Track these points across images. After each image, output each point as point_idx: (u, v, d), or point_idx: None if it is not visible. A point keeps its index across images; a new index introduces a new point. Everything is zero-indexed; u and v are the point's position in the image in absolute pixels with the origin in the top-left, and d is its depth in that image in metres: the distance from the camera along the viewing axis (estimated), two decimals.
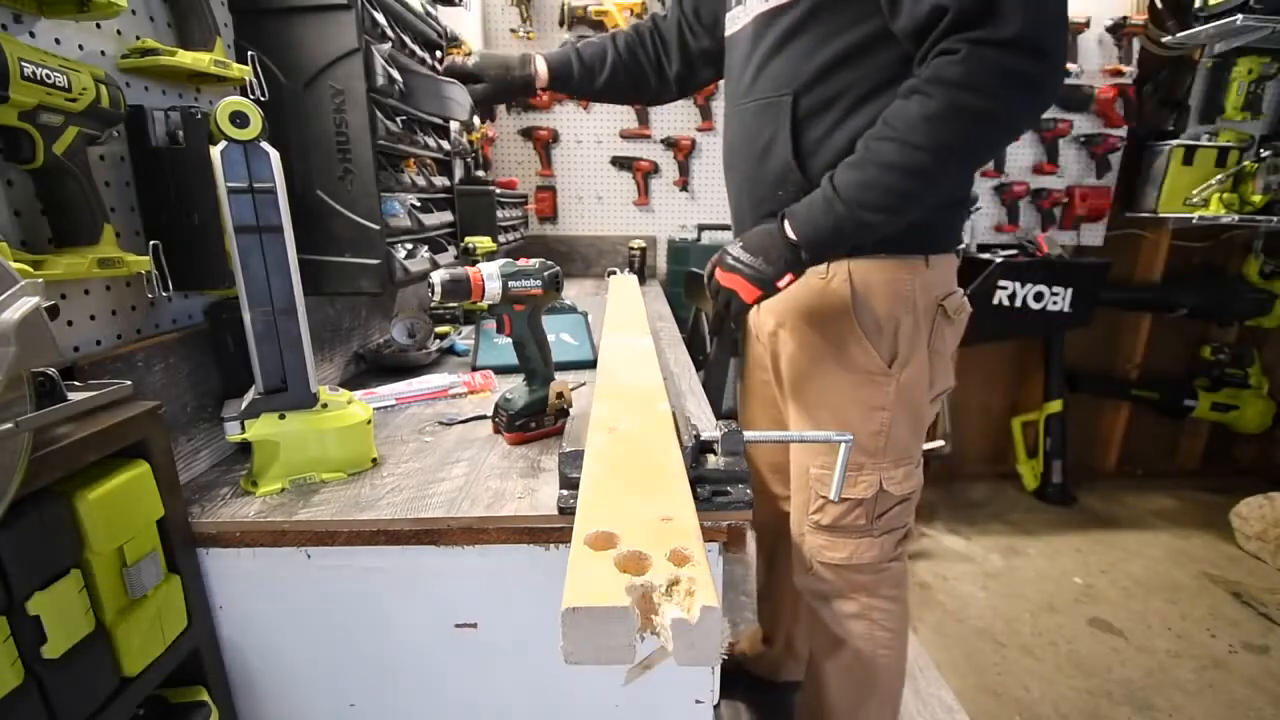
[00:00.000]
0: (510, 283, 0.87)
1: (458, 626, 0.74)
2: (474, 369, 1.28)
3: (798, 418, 1.03)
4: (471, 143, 1.97)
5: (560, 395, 0.94)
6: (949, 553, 2.43)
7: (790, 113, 0.88)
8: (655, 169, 2.62)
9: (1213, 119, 2.58)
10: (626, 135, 2.58)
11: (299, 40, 0.93)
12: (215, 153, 0.68)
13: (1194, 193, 2.54)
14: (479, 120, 2.21)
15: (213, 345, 0.84)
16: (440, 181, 1.37)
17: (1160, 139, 2.61)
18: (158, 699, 0.67)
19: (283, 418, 0.76)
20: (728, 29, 1.03)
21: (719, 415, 1.14)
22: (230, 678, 0.76)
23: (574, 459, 0.68)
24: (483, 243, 1.59)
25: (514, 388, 0.94)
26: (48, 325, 0.47)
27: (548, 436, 0.93)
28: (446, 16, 1.48)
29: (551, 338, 0.98)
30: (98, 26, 0.71)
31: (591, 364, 1.29)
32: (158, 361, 0.76)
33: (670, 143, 2.57)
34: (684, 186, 2.65)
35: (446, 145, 1.39)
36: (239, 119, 0.67)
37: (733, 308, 0.87)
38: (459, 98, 1.09)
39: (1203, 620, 2.03)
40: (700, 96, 2.52)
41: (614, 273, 2.27)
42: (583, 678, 0.76)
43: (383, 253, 1.02)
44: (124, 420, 0.59)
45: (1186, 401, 2.88)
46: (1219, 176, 2.51)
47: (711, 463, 0.72)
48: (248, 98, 0.80)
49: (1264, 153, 2.47)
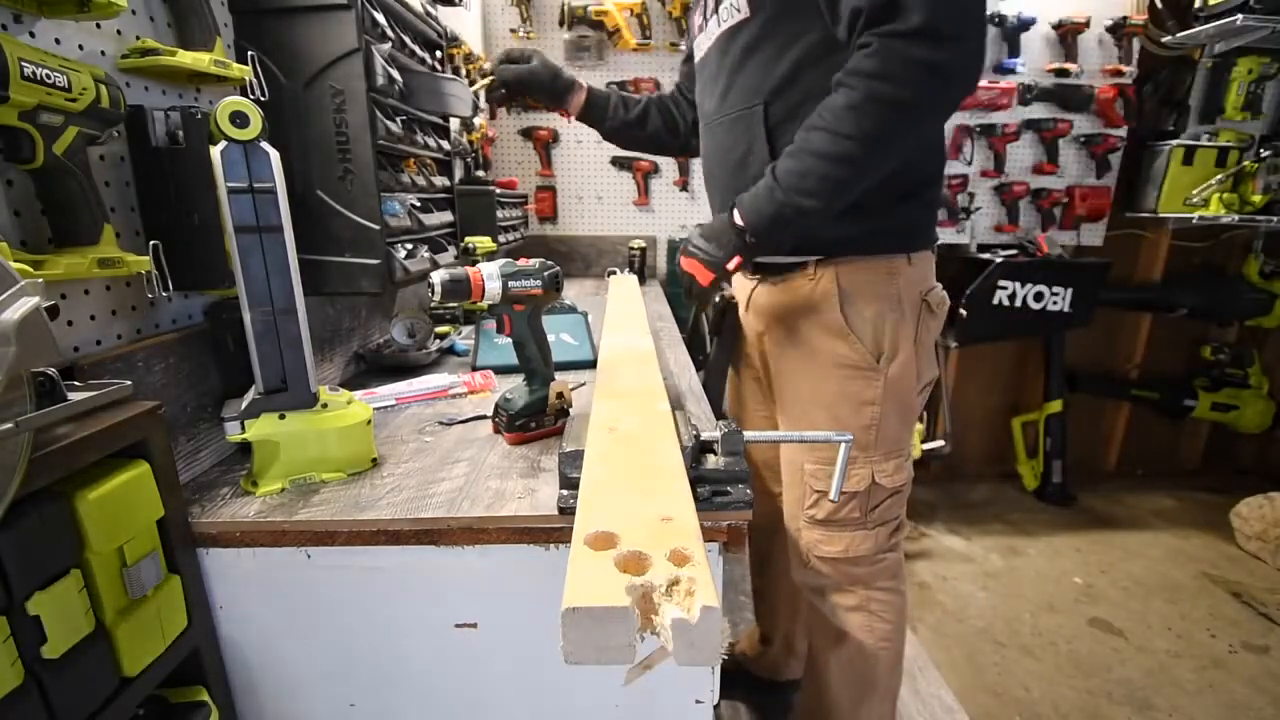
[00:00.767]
0: (510, 283, 0.86)
1: (458, 626, 0.74)
2: (474, 369, 1.28)
3: (789, 416, 1.05)
4: (471, 143, 1.97)
5: (560, 395, 0.94)
6: (949, 553, 2.42)
7: (763, 121, 0.93)
8: (655, 169, 2.62)
9: (1213, 119, 2.57)
10: None
11: (299, 40, 0.93)
12: (215, 153, 0.68)
13: (1194, 193, 2.54)
14: (488, 107, 2.20)
15: (213, 345, 0.84)
16: (440, 181, 1.37)
17: (1160, 139, 2.61)
18: (158, 699, 0.67)
19: (283, 418, 0.76)
20: (697, 55, 1.08)
21: (719, 415, 1.14)
22: (230, 678, 0.76)
23: (574, 459, 0.68)
24: (483, 243, 1.59)
25: (514, 388, 0.94)
26: (48, 325, 0.47)
27: (548, 436, 0.93)
28: (446, 16, 1.48)
29: (551, 338, 0.98)
30: (98, 26, 0.71)
31: (591, 364, 1.29)
32: (158, 361, 0.76)
33: None
34: (684, 186, 2.65)
35: (446, 145, 1.39)
36: (239, 119, 0.67)
37: (694, 290, 0.94)
38: (460, 94, 1.09)
39: (1203, 620, 2.03)
40: None
41: (614, 273, 2.27)
42: (583, 678, 0.76)
43: (383, 253, 1.02)
44: (124, 420, 0.59)
45: (1186, 401, 2.87)
46: (1219, 176, 2.51)
47: (711, 463, 0.72)
48: (248, 98, 0.80)
49: (1264, 153, 2.47)
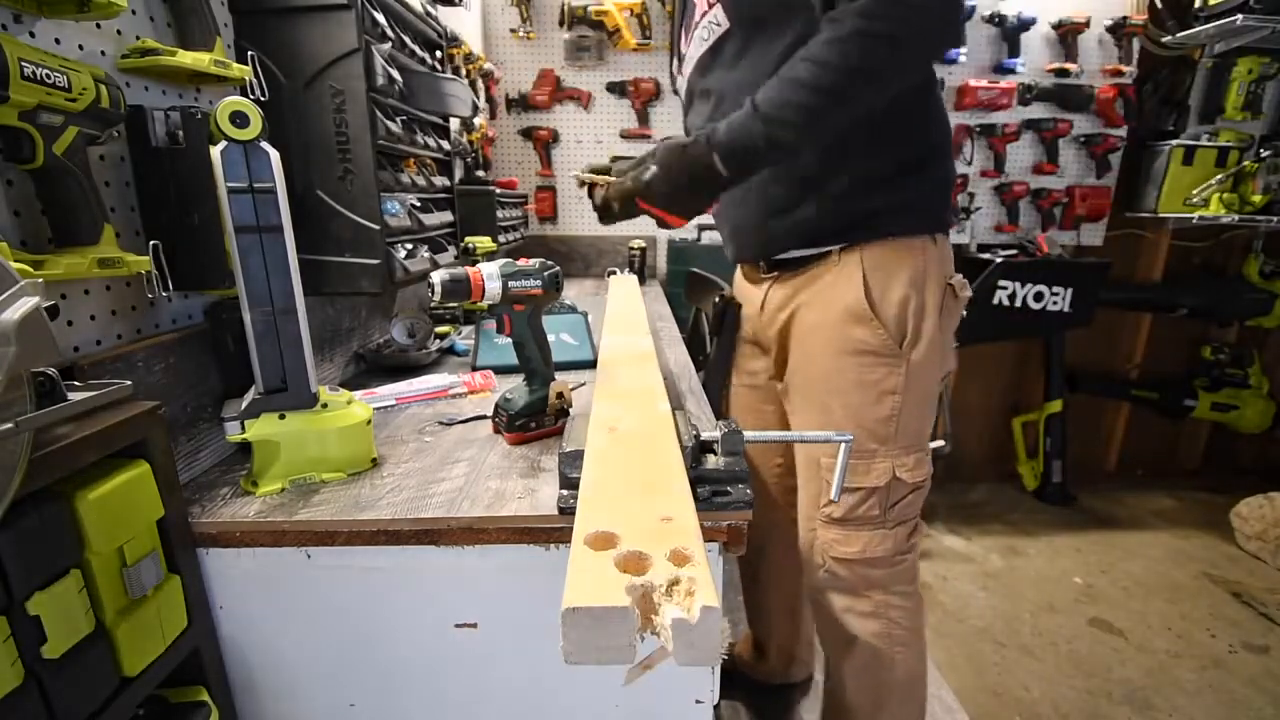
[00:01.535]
0: (510, 283, 0.86)
1: (458, 626, 0.74)
2: (474, 369, 1.28)
3: (804, 407, 1.02)
4: (471, 143, 1.97)
5: (560, 395, 0.93)
6: (949, 553, 2.43)
7: None
8: None
9: (1213, 119, 2.57)
10: (627, 135, 2.57)
11: (299, 40, 0.93)
12: (215, 153, 0.68)
13: (1194, 193, 2.54)
14: (488, 107, 2.16)
15: (213, 345, 0.84)
16: (440, 181, 1.37)
17: (1160, 139, 2.61)
18: (158, 699, 0.67)
19: (283, 418, 0.76)
20: (682, 92, 1.08)
21: (719, 415, 1.14)
22: (230, 678, 0.76)
23: (574, 459, 0.68)
24: (483, 243, 1.59)
25: (514, 388, 0.94)
26: (48, 325, 0.47)
27: (548, 436, 0.93)
28: (446, 16, 1.48)
29: (551, 338, 0.98)
30: (98, 26, 0.71)
31: (591, 364, 1.29)
32: (158, 361, 0.76)
33: None
34: None
35: (446, 145, 1.39)
36: (239, 119, 0.67)
37: (619, 212, 0.89)
38: (460, 94, 1.09)
39: (1203, 620, 2.03)
40: None
41: (614, 273, 2.27)
42: (583, 678, 0.76)
43: (383, 253, 1.02)
44: (124, 420, 0.59)
45: (1186, 401, 2.87)
46: (1219, 176, 2.51)
47: (711, 463, 0.72)
48: (248, 98, 0.80)
49: (1264, 153, 2.47)
